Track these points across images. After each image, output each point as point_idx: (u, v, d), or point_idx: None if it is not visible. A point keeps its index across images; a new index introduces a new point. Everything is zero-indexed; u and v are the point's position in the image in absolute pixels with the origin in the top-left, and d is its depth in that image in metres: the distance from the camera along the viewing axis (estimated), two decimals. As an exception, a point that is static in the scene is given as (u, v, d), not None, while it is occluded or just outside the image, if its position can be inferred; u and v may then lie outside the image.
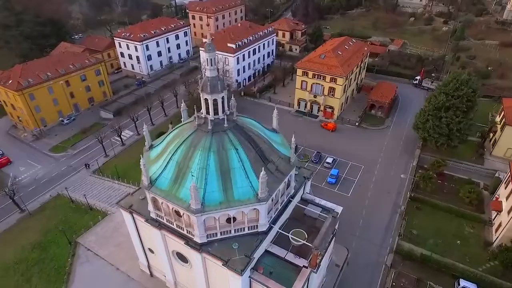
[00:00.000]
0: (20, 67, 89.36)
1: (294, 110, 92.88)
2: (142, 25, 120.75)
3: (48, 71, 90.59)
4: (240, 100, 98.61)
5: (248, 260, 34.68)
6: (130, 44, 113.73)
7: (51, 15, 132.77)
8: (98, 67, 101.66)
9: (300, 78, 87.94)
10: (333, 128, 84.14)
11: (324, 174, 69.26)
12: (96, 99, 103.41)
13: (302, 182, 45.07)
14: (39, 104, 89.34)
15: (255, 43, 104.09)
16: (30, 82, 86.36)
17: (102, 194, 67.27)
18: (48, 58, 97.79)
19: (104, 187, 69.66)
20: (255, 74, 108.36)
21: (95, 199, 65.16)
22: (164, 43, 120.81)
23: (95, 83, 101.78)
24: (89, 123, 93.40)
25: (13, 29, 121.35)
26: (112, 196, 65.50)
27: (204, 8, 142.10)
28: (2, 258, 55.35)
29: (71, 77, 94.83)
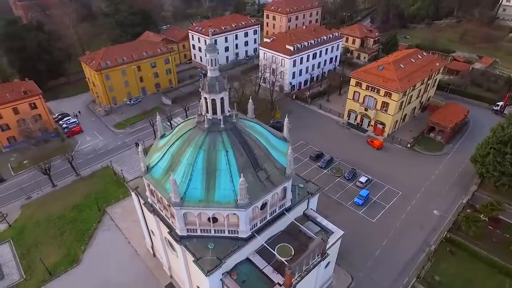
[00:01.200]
0: (103, 50, 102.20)
1: (343, 121, 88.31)
2: (214, 20, 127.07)
3: (125, 56, 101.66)
4: (290, 103, 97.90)
5: (218, 262, 34.82)
6: (200, 38, 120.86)
7: (143, 6, 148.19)
8: (168, 56, 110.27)
9: (353, 88, 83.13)
10: (379, 146, 77.80)
11: (353, 193, 64.81)
12: (162, 85, 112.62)
13: (304, 196, 43.11)
14: (112, 84, 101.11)
15: (316, 47, 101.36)
16: (108, 64, 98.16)
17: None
18: (127, 44, 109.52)
19: (143, 166, 76.13)
20: (312, 78, 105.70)
21: (132, 175, 71.53)
22: (233, 39, 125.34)
23: (163, 70, 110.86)
24: (151, 107, 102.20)
25: (111, 17, 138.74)
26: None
27: (279, 7, 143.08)
28: (50, 211, 64.83)
29: (143, 63, 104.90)
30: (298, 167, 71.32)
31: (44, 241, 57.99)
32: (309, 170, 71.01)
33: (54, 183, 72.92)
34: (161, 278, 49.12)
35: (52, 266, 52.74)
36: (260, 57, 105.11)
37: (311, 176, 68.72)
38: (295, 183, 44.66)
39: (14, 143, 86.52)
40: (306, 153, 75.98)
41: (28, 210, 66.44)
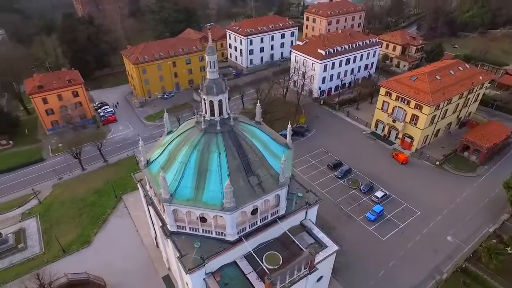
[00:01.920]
0: (142, 45, 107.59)
1: (370, 131, 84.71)
2: (252, 20, 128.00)
3: (162, 51, 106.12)
4: (317, 109, 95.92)
5: (201, 262, 35.31)
6: (237, 37, 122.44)
7: (187, 4, 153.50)
8: (202, 54, 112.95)
9: (383, 98, 79.37)
10: (404, 161, 73.55)
11: (366, 208, 62.00)
12: (195, 82, 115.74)
13: (302, 206, 42.16)
14: (148, 78, 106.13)
15: (350, 52, 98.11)
16: (145, 59, 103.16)
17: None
18: (165, 41, 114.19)
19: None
20: (344, 85, 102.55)
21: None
22: (269, 40, 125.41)
23: (197, 67, 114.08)
24: (182, 102, 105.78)
25: (156, 13, 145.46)
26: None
27: (320, 10, 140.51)
28: (75, 192, 69.86)
29: (178, 59, 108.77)
30: (313, 174, 70.15)
31: (64, 220, 62.65)
32: (324, 179, 69.18)
33: (84, 167, 78.35)
34: (160, 270, 50.88)
35: (67, 244, 56.85)
36: (291, 59, 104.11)
37: (325, 185, 67.20)
38: (295, 192, 43.91)
39: (56, 127, 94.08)
40: (325, 161, 74.03)
41: (58, 190, 72.10)
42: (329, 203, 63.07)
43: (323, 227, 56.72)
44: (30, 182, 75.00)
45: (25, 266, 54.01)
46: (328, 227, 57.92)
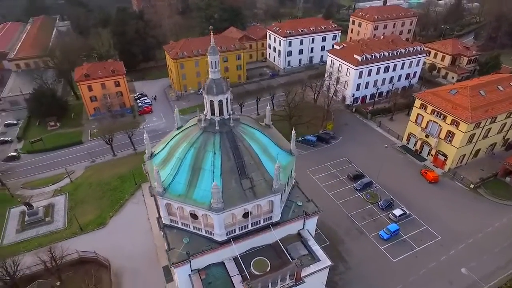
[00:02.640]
0: (183, 41, 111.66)
1: (400, 144, 79.77)
2: (293, 22, 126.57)
3: (200, 48, 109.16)
4: (348, 116, 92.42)
5: (186, 257, 35.88)
6: (276, 38, 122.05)
7: (233, 3, 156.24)
8: (240, 53, 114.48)
9: (417, 110, 74.26)
10: (434, 180, 68.19)
11: (382, 225, 58.50)
12: (231, 80, 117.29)
13: (299, 215, 41.00)
14: (186, 73, 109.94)
15: (390, 60, 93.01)
16: (183, 54, 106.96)
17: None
18: (205, 38, 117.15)
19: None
20: (381, 93, 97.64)
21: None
22: (308, 43, 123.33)
23: (233, 66, 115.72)
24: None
25: (202, 11, 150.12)
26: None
27: (367, 14, 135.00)
28: (102, 176, 74.65)
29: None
30: (331, 183, 67.88)
31: (88, 201, 67.27)
32: (341, 190, 66.54)
33: (115, 153, 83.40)
34: (161, 259, 52.39)
35: (85, 223, 61.00)
36: (327, 64, 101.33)
37: (341, 196, 64.69)
38: (294, 200, 42.83)
39: (98, 113, 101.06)
40: (346, 171, 71.13)
41: (89, 172, 77.60)
42: (342, 215, 60.61)
43: (331, 239, 55.22)
44: (68, 162, 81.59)
45: (48, 238, 58.90)
46: (336, 240, 55.86)
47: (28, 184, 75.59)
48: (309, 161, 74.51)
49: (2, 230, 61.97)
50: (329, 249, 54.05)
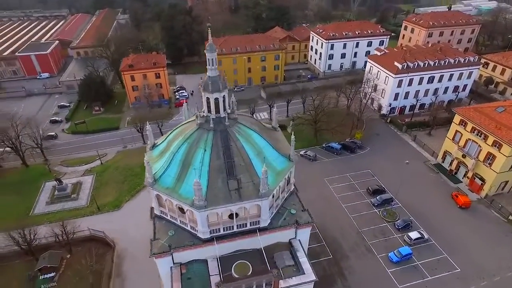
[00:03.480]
0: (223, 39, 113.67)
1: (434, 162, 73.27)
2: (338, 24, 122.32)
3: (239, 46, 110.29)
4: (381, 126, 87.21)
5: (167, 250, 36.39)
6: (319, 40, 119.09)
7: (282, 3, 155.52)
8: (279, 53, 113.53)
9: (456, 127, 67.54)
10: (465, 205, 61.56)
11: (394, 246, 54.18)
12: (268, 79, 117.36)
13: (290, 224, 39.47)
14: (223, 69, 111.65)
15: (436, 70, 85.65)
16: (222, 51, 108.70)
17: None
18: (245, 36, 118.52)
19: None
20: (423, 105, 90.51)
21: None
22: (352, 47, 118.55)
23: (271, 66, 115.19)
24: (249, 97, 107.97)
25: (250, 9, 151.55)
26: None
27: (421, 20, 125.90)
28: (128, 162, 78.85)
29: (253, 55, 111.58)
30: (347, 195, 64.77)
31: (111, 183, 71.54)
32: (357, 203, 62.93)
33: (145, 141, 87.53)
34: (163, 247, 54.05)
35: (103, 204, 64.97)
36: (366, 69, 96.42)
37: (355, 209, 61.26)
38: (289, 207, 41.31)
39: (137, 102, 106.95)
40: (366, 184, 67.09)
41: (118, 157, 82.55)
42: (352, 230, 57.34)
43: (335, 253, 52.65)
44: (103, 145, 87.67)
45: (70, 213, 63.80)
46: (339, 255, 53.04)
47: (65, 161, 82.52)
48: (329, 169, 71.64)
49: (35, 201, 68.35)
50: (331, 263, 51.67)
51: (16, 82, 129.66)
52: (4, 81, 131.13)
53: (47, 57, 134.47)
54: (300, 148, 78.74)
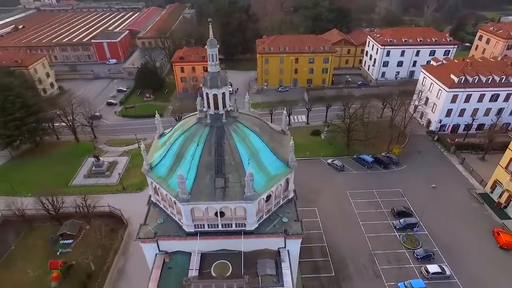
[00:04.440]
0: (273, 37, 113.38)
1: (481, 191, 64.41)
2: (398, 30, 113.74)
3: (288, 46, 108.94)
4: (426, 143, 79.31)
5: (152, 237, 37.38)
6: (374, 45, 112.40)
7: (344, 5, 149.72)
8: (328, 56, 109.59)
9: (511, 154, 58.47)
10: (507, 246, 53.03)
11: (407, 276, 48.91)
12: (314, 82, 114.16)
13: (278, 232, 37.82)
14: (269, 68, 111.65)
15: (502, 87, 74.97)
16: (270, 50, 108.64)
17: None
18: (295, 36, 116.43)
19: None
20: (482, 125, 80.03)
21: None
22: (412, 55, 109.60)
23: (319, 68, 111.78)
24: (291, 98, 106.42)
25: (309, 9, 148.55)
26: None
27: (500, 29, 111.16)
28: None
29: (301, 56, 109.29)
30: (367, 212, 60.52)
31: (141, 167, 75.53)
32: (376, 222, 58.10)
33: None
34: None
35: (128, 185, 69.30)
36: (419, 80, 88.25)
37: (373, 229, 56.74)
38: (282, 214, 39.60)
39: (184, 93, 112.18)
40: (392, 203, 61.51)
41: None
42: (364, 250, 53.12)
43: (338, 272, 49.64)
44: (145, 130, 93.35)
45: (100, 189, 69.25)
46: (343, 275, 49.66)
47: (109, 141, 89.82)
48: (355, 181, 67.27)
49: (76, 173, 75.57)
50: (331, 281, 48.65)
51: (89, 65, 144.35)
52: (79, 64, 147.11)
53: (116, 45, 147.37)
54: (329, 156, 75.43)
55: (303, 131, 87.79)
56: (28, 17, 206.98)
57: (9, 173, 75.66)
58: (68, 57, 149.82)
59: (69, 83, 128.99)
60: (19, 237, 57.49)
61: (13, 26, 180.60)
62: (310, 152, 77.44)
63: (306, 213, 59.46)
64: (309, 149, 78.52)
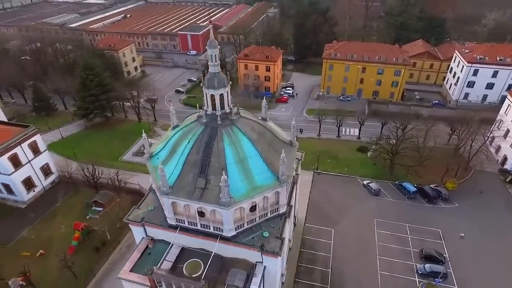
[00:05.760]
0: (342, 43, 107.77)
1: (549, 254, 51.55)
2: (492, 47, 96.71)
3: (356, 53, 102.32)
4: (495, 183, 66.86)
5: (139, 221, 39.42)
6: (460, 61, 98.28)
7: (436, 13, 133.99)
8: (401, 68, 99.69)
9: None
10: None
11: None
12: (381, 95, 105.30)
13: (254, 245, 36.26)
14: (333, 75, 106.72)
15: None
16: (336, 56, 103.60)
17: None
18: (365, 44, 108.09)
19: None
20: None
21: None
22: (507, 77, 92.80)
23: (388, 81, 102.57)
24: (351, 109, 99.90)
25: (394, 16, 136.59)
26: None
27: None
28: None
29: (370, 66, 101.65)
30: (389, 248, 54.17)
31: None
32: (396, 261, 51.14)
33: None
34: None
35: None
36: (502, 107, 74.26)
37: (390, 267, 50.58)
38: (267, 228, 37.82)
39: (244, 90, 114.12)
40: (423, 244, 53.36)
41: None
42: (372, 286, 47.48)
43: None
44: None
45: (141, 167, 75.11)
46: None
47: (164, 126, 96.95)
48: (387, 210, 60.31)
49: (127, 150, 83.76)
50: (321, 311, 44.71)
51: (172, 54, 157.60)
52: (164, 52, 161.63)
53: (198, 38, 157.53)
54: (368, 177, 69.06)
55: (351, 145, 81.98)
56: (137, 8, 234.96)
57: (79, 140, 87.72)
58: (157, 45, 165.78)
59: (152, 68, 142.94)
60: (66, 196, 66.41)
61: (123, 15, 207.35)
62: (348, 168, 71.97)
63: (320, 232, 56.06)
64: (349, 166, 73.04)
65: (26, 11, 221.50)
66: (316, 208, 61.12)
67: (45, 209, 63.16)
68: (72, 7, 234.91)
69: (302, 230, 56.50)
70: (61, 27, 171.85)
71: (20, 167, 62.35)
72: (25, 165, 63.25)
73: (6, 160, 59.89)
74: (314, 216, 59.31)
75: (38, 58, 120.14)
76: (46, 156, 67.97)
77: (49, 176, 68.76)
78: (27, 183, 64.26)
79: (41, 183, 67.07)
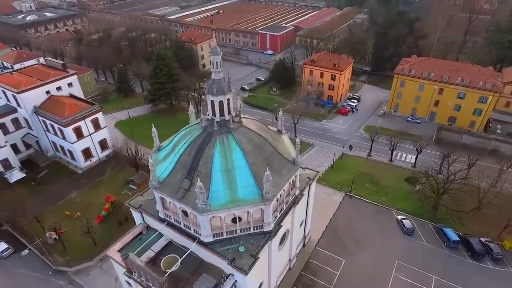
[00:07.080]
0: (421, 59, 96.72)
1: None
2: None
3: (434, 72, 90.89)
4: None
5: (137, 207, 42.14)
6: None
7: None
8: (488, 95, 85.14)
9: None
10: None
11: None
12: (458, 122, 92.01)
13: (226, 256, 35.61)
14: (403, 92, 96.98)
15: None
16: (409, 72, 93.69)
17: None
18: (449, 62, 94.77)
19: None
20: None
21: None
22: None
23: (470, 107, 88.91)
24: (415, 132, 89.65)
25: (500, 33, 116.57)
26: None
27: None
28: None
29: (449, 88, 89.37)
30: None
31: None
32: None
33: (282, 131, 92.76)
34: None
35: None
36: None
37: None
38: (245, 243, 36.82)
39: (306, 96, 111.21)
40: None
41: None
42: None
43: None
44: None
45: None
46: None
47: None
48: (416, 254, 52.78)
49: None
50: None
51: (248, 52, 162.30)
52: (243, 49, 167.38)
53: (276, 38, 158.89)
54: (406, 212, 61.40)
55: (400, 173, 73.66)
56: (232, 4, 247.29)
57: (141, 122, 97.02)
58: (238, 42, 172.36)
59: (226, 63, 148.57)
60: (114, 170, 74.57)
61: (216, 10, 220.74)
62: (387, 198, 64.92)
63: (329, 260, 52.28)
64: (388, 195, 65.91)
65: (139, 2, 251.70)
66: (334, 233, 56.84)
67: (94, 177, 72.04)
68: (176, 0, 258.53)
69: (311, 252, 53.24)
70: (161, 18, 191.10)
71: (81, 138, 72.06)
72: (86, 137, 72.86)
73: (71, 130, 69.86)
74: (328, 240, 55.34)
75: (133, 44, 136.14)
76: (105, 132, 77.11)
77: (105, 150, 77.92)
78: (86, 152, 73.96)
79: (97, 155, 76.48)
